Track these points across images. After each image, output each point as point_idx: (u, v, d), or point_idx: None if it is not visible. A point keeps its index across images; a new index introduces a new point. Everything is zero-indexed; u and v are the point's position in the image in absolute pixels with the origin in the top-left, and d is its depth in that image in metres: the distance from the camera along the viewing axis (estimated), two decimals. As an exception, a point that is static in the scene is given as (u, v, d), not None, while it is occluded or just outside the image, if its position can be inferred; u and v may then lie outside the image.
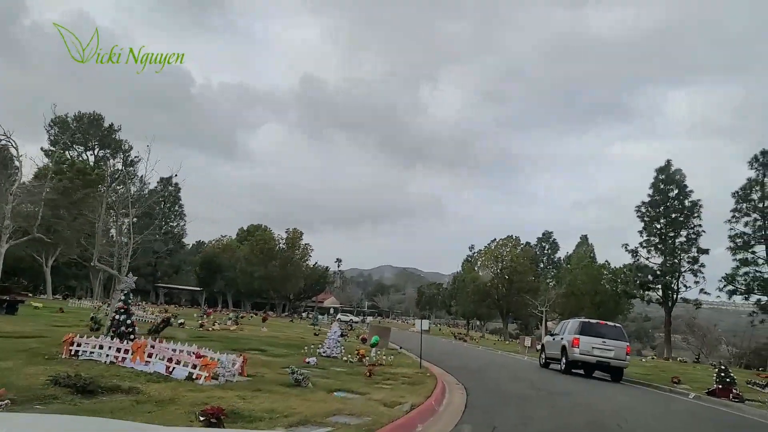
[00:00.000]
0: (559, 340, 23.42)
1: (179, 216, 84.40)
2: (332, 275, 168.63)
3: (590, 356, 21.16)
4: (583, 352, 21.22)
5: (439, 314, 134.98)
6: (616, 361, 21.12)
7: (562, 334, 23.61)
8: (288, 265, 70.51)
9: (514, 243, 70.49)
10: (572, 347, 21.43)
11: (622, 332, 22.57)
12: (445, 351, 32.17)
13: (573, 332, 22.15)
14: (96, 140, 59.25)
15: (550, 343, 25.17)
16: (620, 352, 21.38)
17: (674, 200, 53.28)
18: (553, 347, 24.46)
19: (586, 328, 22.08)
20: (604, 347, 21.22)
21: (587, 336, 21.53)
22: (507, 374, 19.13)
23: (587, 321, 22.97)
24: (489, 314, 77.90)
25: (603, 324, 23.04)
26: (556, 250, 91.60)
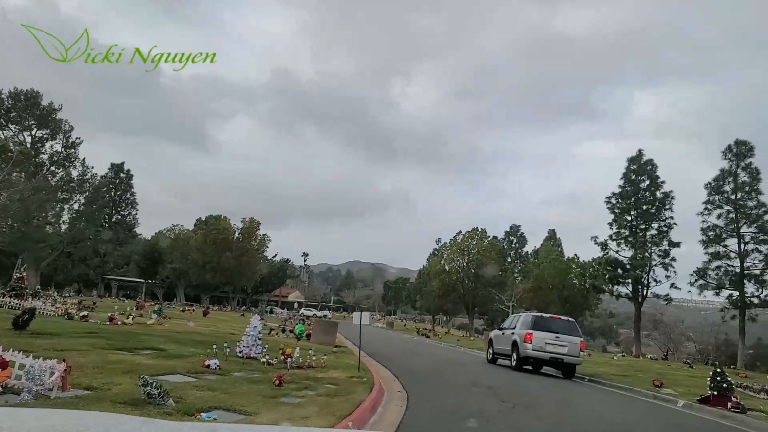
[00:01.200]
0: (510, 334, 21.62)
1: (131, 204, 79.90)
2: (298, 269, 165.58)
3: (543, 352, 19.75)
4: (536, 348, 19.82)
5: (406, 309, 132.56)
6: (569, 358, 19.73)
7: (514, 328, 21.75)
8: (243, 256, 66.74)
9: (481, 235, 68.05)
10: (524, 342, 20.04)
11: (576, 327, 20.91)
12: (402, 349, 29.29)
13: (525, 327, 20.57)
14: (33, 119, 54.67)
15: (500, 337, 23.12)
16: (574, 349, 19.77)
17: (645, 191, 51.37)
18: (502, 342, 22.54)
19: (539, 323, 20.43)
20: (558, 343, 19.83)
21: (540, 331, 20.00)
22: (465, 377, 16.27)
23: (540, 315, 21.42)
24: (455, 309, 75.50)
25: (556, 319, 21.27)
26: (524, 244, 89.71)
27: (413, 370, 17.99)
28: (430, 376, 16.45)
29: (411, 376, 15.29)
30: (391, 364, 18.89)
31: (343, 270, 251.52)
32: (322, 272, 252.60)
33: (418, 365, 19.84)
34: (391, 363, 19.19)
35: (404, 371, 16.50)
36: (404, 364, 19.84)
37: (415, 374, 16.38)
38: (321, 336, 22.99)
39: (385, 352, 25.32)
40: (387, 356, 23.21)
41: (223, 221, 68.78)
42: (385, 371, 16.65)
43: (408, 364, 19.93)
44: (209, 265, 66.10)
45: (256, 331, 14.33)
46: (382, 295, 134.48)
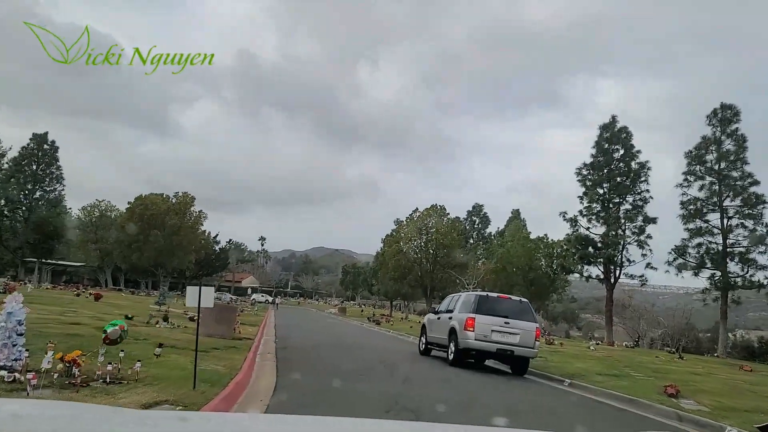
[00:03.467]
0: (447, 319, 16.59)
1: (56, 179, 71.99)
2: (255, 254, 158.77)
3: (488, 342, 14.96)
4: (479, 338, 14.96)
5: (366, 295, 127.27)
6: (521, 350, 15.07)
7: (451, 311, 16.37)
8: (175, 234, 59.85)
9: (440, 213, 62.60)
10: (465, 330, 15.09)
11: (530, 310, 16.33)
12: (333, 340, 23.54)
13: (467, 310, 15.69)
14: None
15: (434, 323, 17.72)
16: (527, 338, 15.14)
17: (619, 162, 46.53)
18: (437, 329, 17.20)
19: (484, 305, 15.59)
20: (507, 330, 15.11)
21: (485, 315, 15.18)
22: (385, 385, 10.60)
23: (485, 295, 16.60)
24: (413, 293, 70.24)
25: (505, 299, 16.61)
26: (487, 224, 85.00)
27: (319, 373, 12.35)
28: (334, 386, 10.69)
29: (304, 387, 9.69)
30: (294, 365, 13.25)
31: (309, 256, 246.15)
32: (284, 258, 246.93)
33: (333, 364, 14.11)
34: (294, 364, 13.57)
35: (303, 376, 10.93)
36: (314, 364, 14.12)
37: (312, 382, 10.71)
38: (211, 325, 17.02)
39: (305, 345, 19.62)
40: (303, 351, 17.52)
41: (152, 196, 61.67)
42: (268, 379, 10.94)
43: (319, 364, 14.21)
44: (135, 244, 59.09)
45: (13, 322, 8.21)
46: (340, 279, 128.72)
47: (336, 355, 16.44)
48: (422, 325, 18.63)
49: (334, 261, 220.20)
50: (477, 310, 14.74)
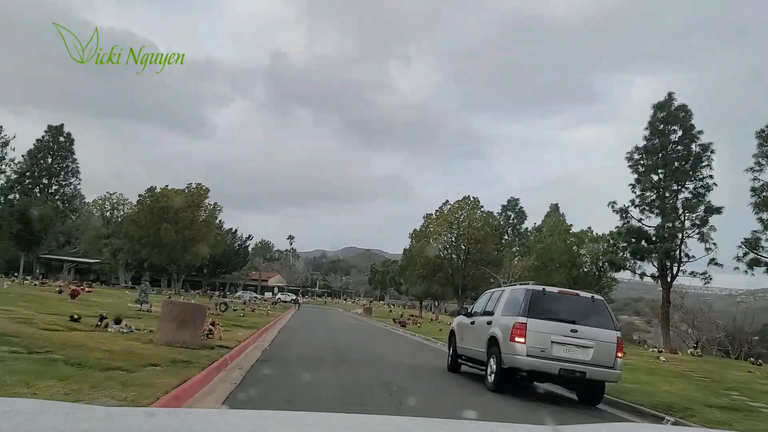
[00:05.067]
0: (484, 324, 11.72)
1: (72, 173, 69.27)
2: (284, 253, 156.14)
3: (547, 360, 10.08)
4: (533, 353, 10.08)
5: (394, 294, 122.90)
6: (597, 370, 10.12)
7: (491, 314, 11.78)
8: (187, 229, 56.16)
9: (472, 205, 57.69)
10: (511, 342, 10.22)
11: (607, 311, 11.06)
12: (345, 346, 19.16)
13: (514, 311, 10.77)
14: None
15: (467, 329, 12.83)
16: (605, 352, 10.24)
17: (677, 144, 41.07)
18: (471, 337, 12.49)
19: (538, 304, 10.59)
20: (575, 342, 10.20)
21: (542, 319, 10.32)
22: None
23: (540, 289, 11.25)
24: (443, 292, 65.53)
25: (572, 296, 11.38)
26: (523, 219, 79.65)
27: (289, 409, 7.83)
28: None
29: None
30: (260, 393, 8.94)
31: (340, 256, 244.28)
32: (315, 258, 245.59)
33: (320, 390, 9.63)
34: (263, 390, 9.25)
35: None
36: (292, 391, 9.66)
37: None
38: (171, 330, 12.78)
39: (300, 356, 15.28)
40: (291, 366, 13.19)
41: (164, 189, 58.09)
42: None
43: (300, 392, 9.72)
44: (145, 239, 55.62)
45: None
46: (369, 279, 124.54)
47: (333, 374, 12.01)
48: (450, 330, 14.03)
49: (366, 261, 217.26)
50: (529, 312, 10.13)
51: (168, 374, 9.42)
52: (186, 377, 9.33)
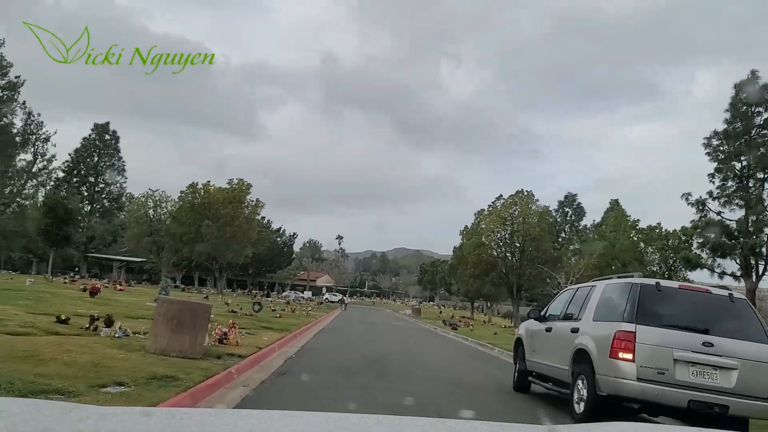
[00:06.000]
0: (568, 333, 8.52)
1: (118, 171, 69.06)
2: (333, 253, 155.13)
3: (672, 387, 6.75)
4: (647, 375, 6.82)
5: (444, 295, 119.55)
6: (746, 404, 6.76)
7: (576, 318, 8.62)
8: (229, 225, 54.42)
9: (527, 199, 53.89)
10: (613, 359, 7.02)
11: (752, 314, 7.71)
12: (378, 357, 16.36)
13: (613, 315, 7.60)
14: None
15: (540, 338, 9.71)
16: (757, 375, 6.90)
17: (762, 128, 36.51)
18: (547, 349, 9.42)
19: (652, 304, 7.38)
20: (712, 360, 6.88)
21: (659, 327, 7.10)
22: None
23: (652, 284, 7.70)
24: (496, 293, 61.92)
25: (700, 292, 8.09)
26: (582, 216, 75.13)
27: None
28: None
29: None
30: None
31: (390, 257, 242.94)
32: (366, 259, 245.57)
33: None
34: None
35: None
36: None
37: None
38: (166, 336, 10.25)
39: (330, 367, 12.54)
40: (312, 382, 10.44)
41: (206, 185, 56.64)
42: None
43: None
44: (186, 236, 54.22)
45: None
46: (418, 279, 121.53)
47: (365, 394, 9.19)
48: (516, 339, 10.99)
49: (415, 262, 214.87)
50: (638, 316, 7.05)
51: (132, 399, 6.83)
52: (156, 402, 6.74)
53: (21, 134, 45.29)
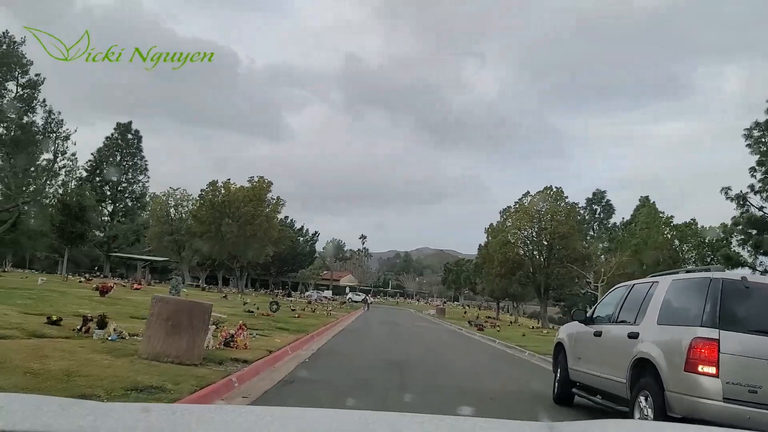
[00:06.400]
0: (624, 339, 7.01)
1: (140, 171, 68.86)
2: (357, 252, 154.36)
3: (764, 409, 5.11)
4: (736, 396, 5.30)
5: (469, 295, 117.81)
6: None
7: (634, 321, 7.09)
8: (249, 225, 53.47)
9: (555, 196, 52.10)
10: (689, 373, 5.48)
11: None
12: (398, 361, 15.11)
13: (689, 318, 6.09)
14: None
15: (588, 343, 8.24)
16: None
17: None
18: (595, 357, 8.06)
19: (738, 304, 5.91)
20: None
21: (750, 334, 5.55)
22: None
23: (737, 279, 6.27)
24: (523, 293, 60.18)
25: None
26: (611, 214, 73.01)
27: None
28: None
29: None
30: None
31: (413, 256, 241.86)
32: (389, 258, 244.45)
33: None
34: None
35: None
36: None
37: None
38: (160, 339, 9.14)
39: (343, 375, 11.33)
40: (321, 392, 9.22)
41: (226, 183, 55.86)
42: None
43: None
44: (206, 235, 53.53)
45: None
46: (442, 278, 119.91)
47: (381, 407, 7.91)
48: (557, 343, 9.62)
49: (439, 261, 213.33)
50: (721, 320, 5.70)
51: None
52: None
53: (41, 132, 44.99)
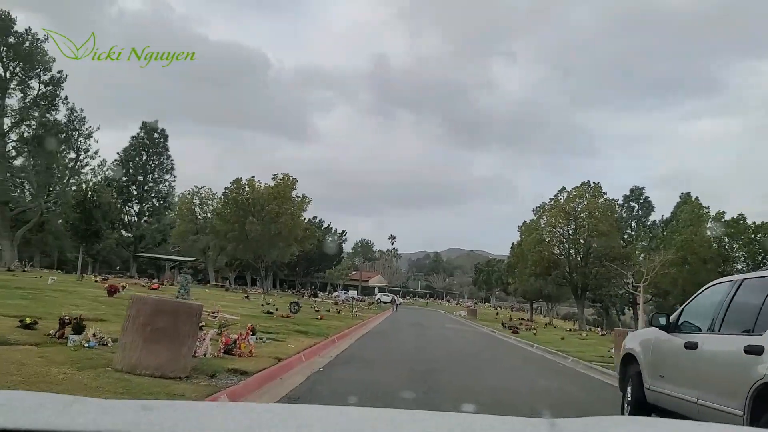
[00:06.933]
0: (738, 355, 4.87)
1: (167, 170, 68.27)
2: (386, 253, 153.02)
3: None
4: None
5: (501, 296, 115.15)
6: None
7: (748, 330, 4.91)
8: (273, 223, 51.92)
9: (594, 191, 49.50)
10: None
11: None
12: (423, 371, 13.34)
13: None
14: (2, 46, 43.22)
15: (673, 356, 6.31)
16: None
17: None
18: (686, 375, 5.95)
19: None
20: None
21: None
22: None
23: None
24: (558, 293, 57.71)
25: None
26: (649, 211, 69.82)
27: None
28: None
29: None
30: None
31: (443, 257, 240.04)
32: (419, 259, 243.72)
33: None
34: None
35: None
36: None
37: None
38: (137, 349, 7.53)
39: (375, 386, 9.56)
40: (362, 400, 7.29)
41: (250, 180, 54.37)
42: None
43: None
44: (230, 234, 52.23)
45: None
46: (473, 279, 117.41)
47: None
48: (625, 355, 7.68)
49: (469, 262, 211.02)
50: None
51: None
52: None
53: (64, 130, 44.35)
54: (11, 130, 42.95)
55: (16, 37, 43.47)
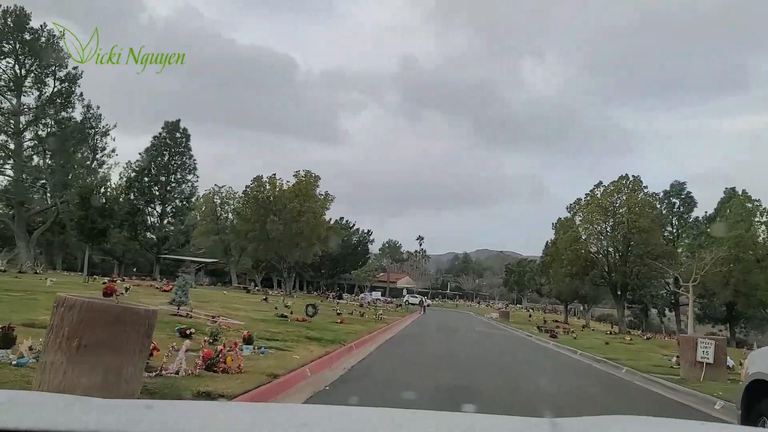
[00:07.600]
0: None
1: (189, 170, 66.97)
2: (414, 254, 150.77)
3: None
4: None
5: (533, 298, 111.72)
6: None
7: None
8: (295, 222, 49.93)
9: (634, 186, 46.41)
10: None
11: None
12: (450, 387, 11.07)
13: None
14: (17, 43, 42.26)
15: None
16: None
17: None
18: None
19: None
20: None
21: None
22: None
23: None
24: (595, 294, 54.66)
25: None
26: (692, 207, 66.09)
27: None
28: None
29: None
30: None
31: (472, 258, 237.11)
32: (448, 260, 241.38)
33: None
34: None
35: None
36: None
37: None
38: (57, 370, 5.49)
39: (394, 403, 7.19)
40: None
41: (271, 178, 52.41)
42: None
43: None
44: (251, 233, 50.37)
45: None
46: (504, 280, 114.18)
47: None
48: (753, 381, 5.36)
49: (499, 263, 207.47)
50: None
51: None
52: None
53: (80, 128, 43.12)
54: (27, 128, 41.92)
55: (32, 33, 42.45)
